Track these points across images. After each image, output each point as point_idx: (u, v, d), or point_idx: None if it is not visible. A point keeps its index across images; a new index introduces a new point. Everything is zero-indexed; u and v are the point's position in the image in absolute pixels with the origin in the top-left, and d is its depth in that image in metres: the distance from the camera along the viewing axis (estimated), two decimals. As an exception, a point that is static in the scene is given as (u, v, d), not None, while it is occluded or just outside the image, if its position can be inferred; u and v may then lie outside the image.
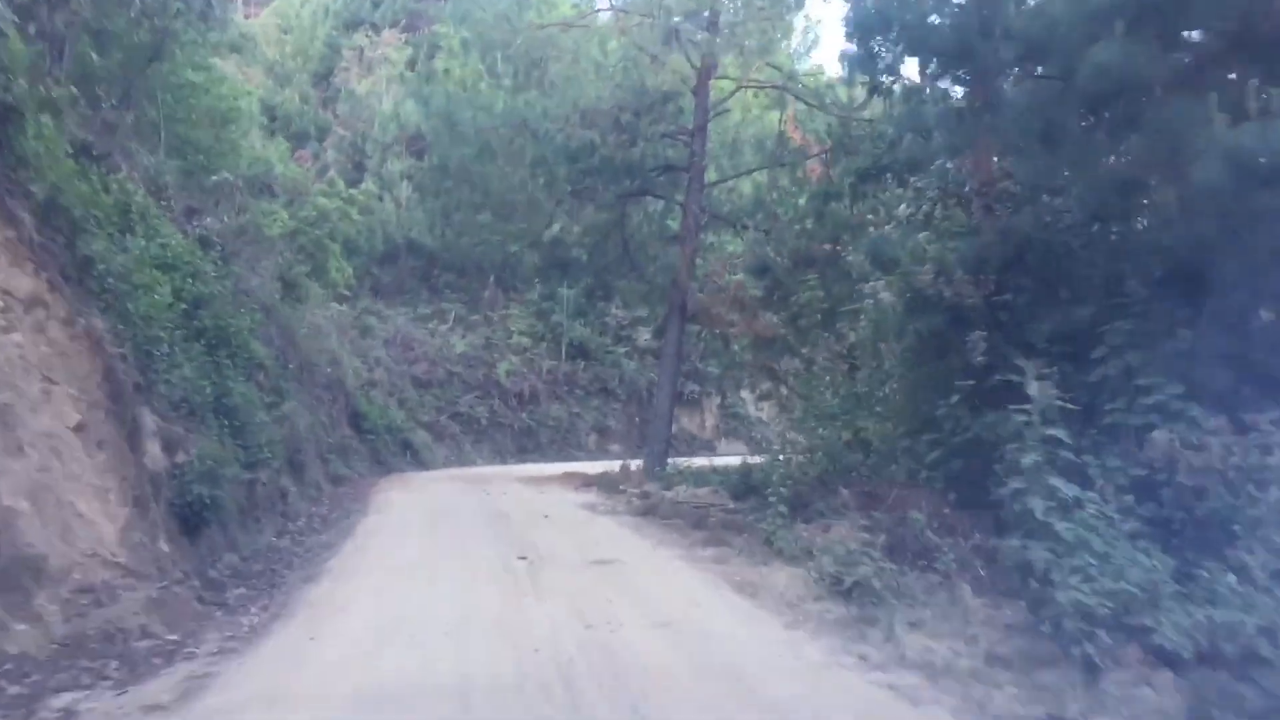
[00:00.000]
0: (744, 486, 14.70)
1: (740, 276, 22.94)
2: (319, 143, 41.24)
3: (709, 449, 41.55)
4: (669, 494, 15.94)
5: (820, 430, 13.96)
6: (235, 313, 15.54)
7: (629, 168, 22.55)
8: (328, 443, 23.75)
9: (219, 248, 17.81)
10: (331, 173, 36.24)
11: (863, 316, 15.44)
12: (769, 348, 24.14)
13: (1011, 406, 8.49)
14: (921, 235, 13.58)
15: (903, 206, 16.97)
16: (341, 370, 28.56)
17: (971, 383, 10.52)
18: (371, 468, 27.35)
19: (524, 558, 11.17)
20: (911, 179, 16.49)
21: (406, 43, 43.54)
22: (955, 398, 10.68)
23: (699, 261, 23.95)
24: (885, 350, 14.63)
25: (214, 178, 21.61)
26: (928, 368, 12.23)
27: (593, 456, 36.74)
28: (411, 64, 41.55)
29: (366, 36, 44.54)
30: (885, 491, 11.52)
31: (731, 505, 14.19)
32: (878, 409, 13.83)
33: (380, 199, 37.83)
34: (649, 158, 23.00)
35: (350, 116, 41.96)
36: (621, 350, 39.72)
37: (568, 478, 22.42)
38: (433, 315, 37.81)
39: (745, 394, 44.13)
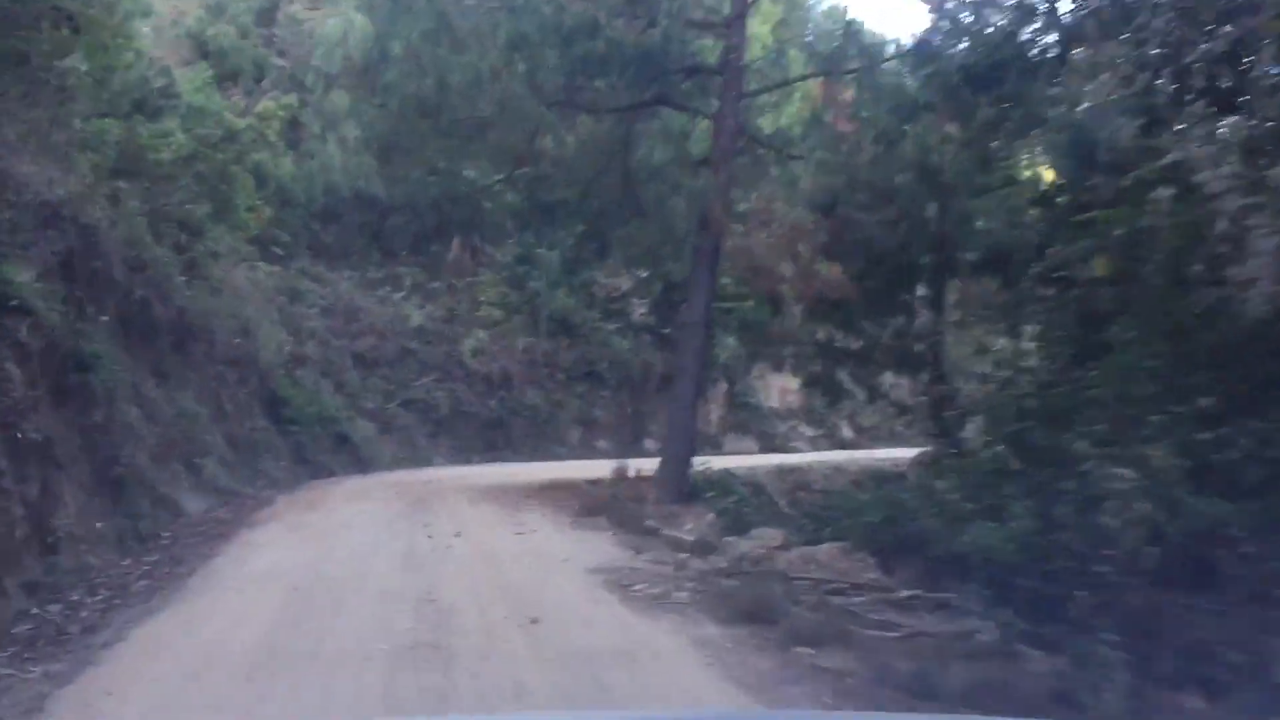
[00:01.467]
0: (898, 541, 8.11)
1: (797, 211, 16.52)
2: (256, 82, 34.48)
3: (713, 446, 35.11)
4: (749, 549, 9.36)
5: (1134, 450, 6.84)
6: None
7: (644, 60, 16.02)
8: (219, 440, 17.16)
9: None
10: (265, 102, 29.55)
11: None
12: (832, 314, 17.87)
13: None
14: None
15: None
16: (254, 343, 21.91)
17: None
18: (292, 471, 20.76)
19: None
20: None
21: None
22: None
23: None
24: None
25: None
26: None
27: (575, 453, 30.33)
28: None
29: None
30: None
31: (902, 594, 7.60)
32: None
33: (323, 139, 31.09)
34: (671, 50, 16.50)
35: (292, 44, 35.18)
36: (611, 327, 33.15)
37: (554, 492, 16.02)
38: (385, 281, 31.12)
39: (767, 380, 37.85)
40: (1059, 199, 10.86)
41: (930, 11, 14.89)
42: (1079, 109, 9.41)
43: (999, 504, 7.02)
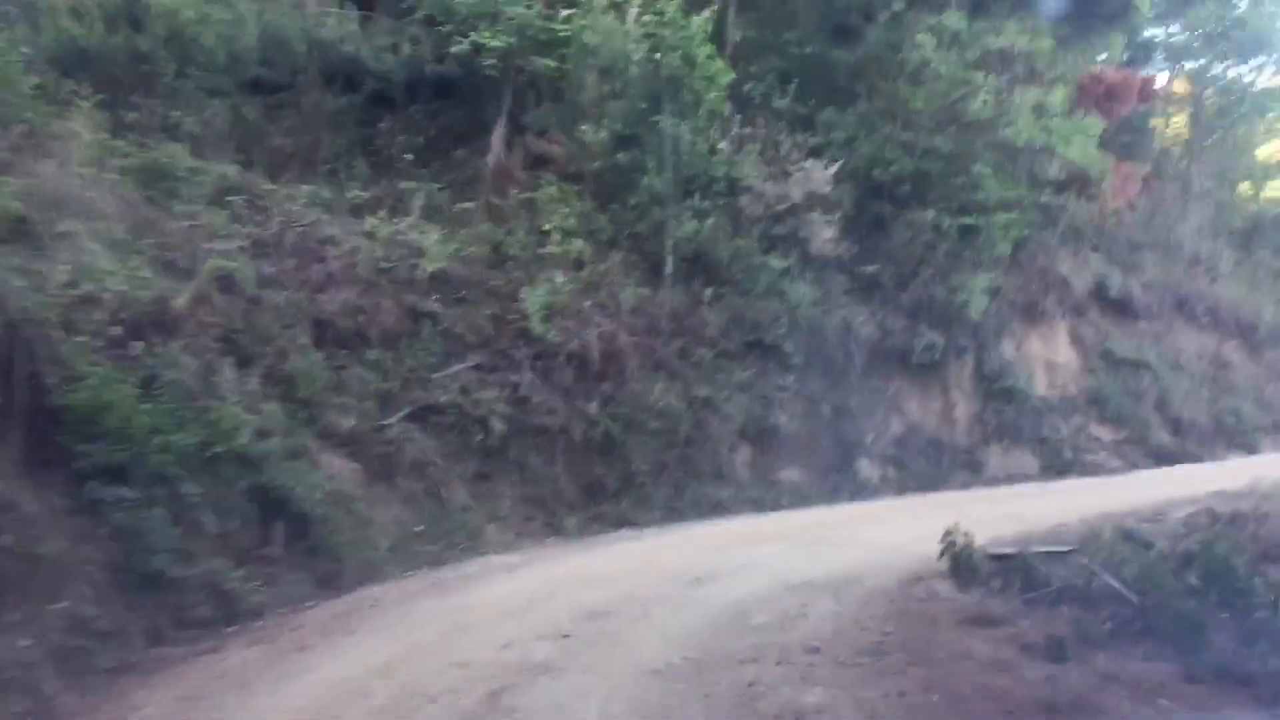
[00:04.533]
0: None
1: None
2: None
3: (968, 465, 20.91)
4: None
5: None
6: None
7: None
8: None
9: None
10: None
11: None
12: None
13: None
14: None
15: None
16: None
17: None
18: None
19: None
20: None
21: None
22: None
23: None
24: None
25: None
26: None
27: (749, 495, 16.52)
28: None
29: None
30: None
31: None
32: None
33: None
34: None
35: None
36: (778, 263, 18.84)
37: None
38: (376, 202, 16.89)
39: (1025, 348, 23.51)
40: None
41: None
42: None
43: None
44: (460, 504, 13.38)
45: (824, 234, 19.30)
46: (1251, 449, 27.22)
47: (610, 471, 15.33)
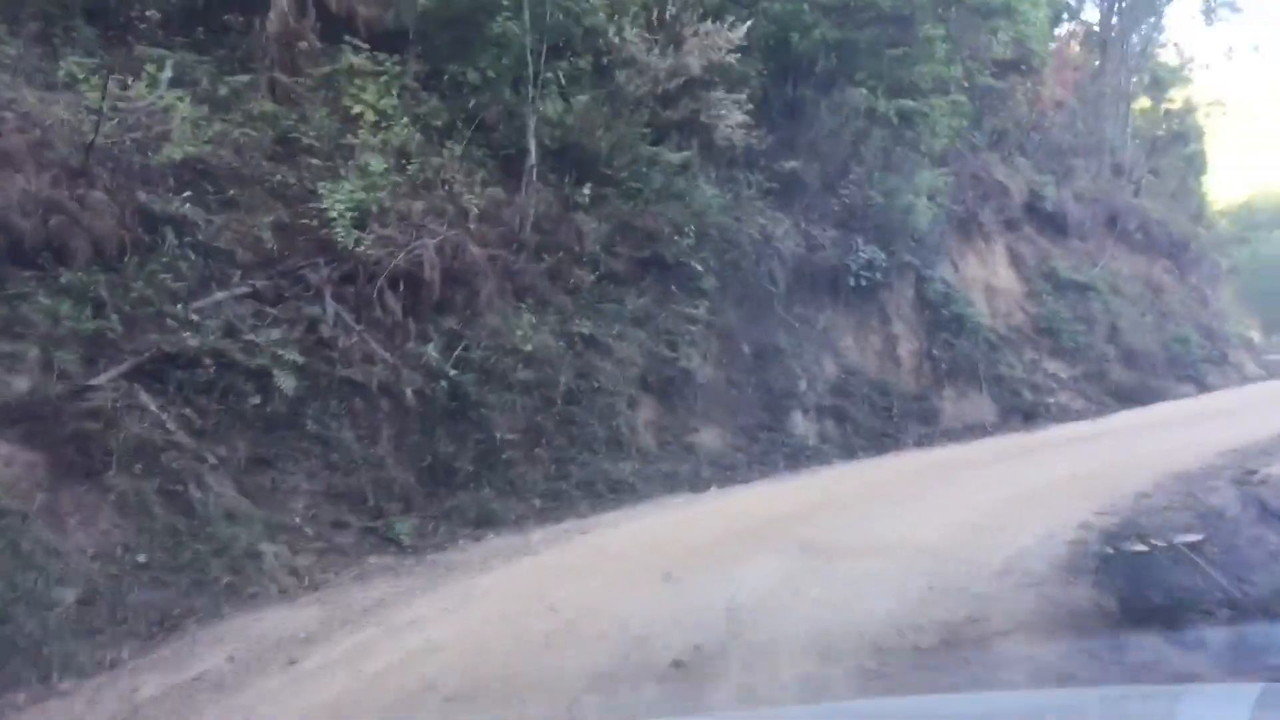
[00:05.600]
0: None
1: None
2: None
3: (925, 418, 16.78)
4: None
5: None
6: None
7: None
8: None
9: None
10: None
11: None
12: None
13: None
14: None
15: None
16: None
17: None
18: None
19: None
20: None
21: None
22: None
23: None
24: None
25: None
26: None
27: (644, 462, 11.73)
28: None
29: None
30: None
31: None
32: None
33: None
34: None
35: None
36: (674, 157, 14.11)
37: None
38: (104, 76, 11.42)
39: (964, 267, 19.35)
40: None
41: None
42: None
43: None
44: (221, 511, 8.25)
45: (730, 118, 14.63)
46: (1201, 383, 23.76)
47: (461, 446, 10.32)
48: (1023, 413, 17.63)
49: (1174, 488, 9.41)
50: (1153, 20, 30.79)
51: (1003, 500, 8.71)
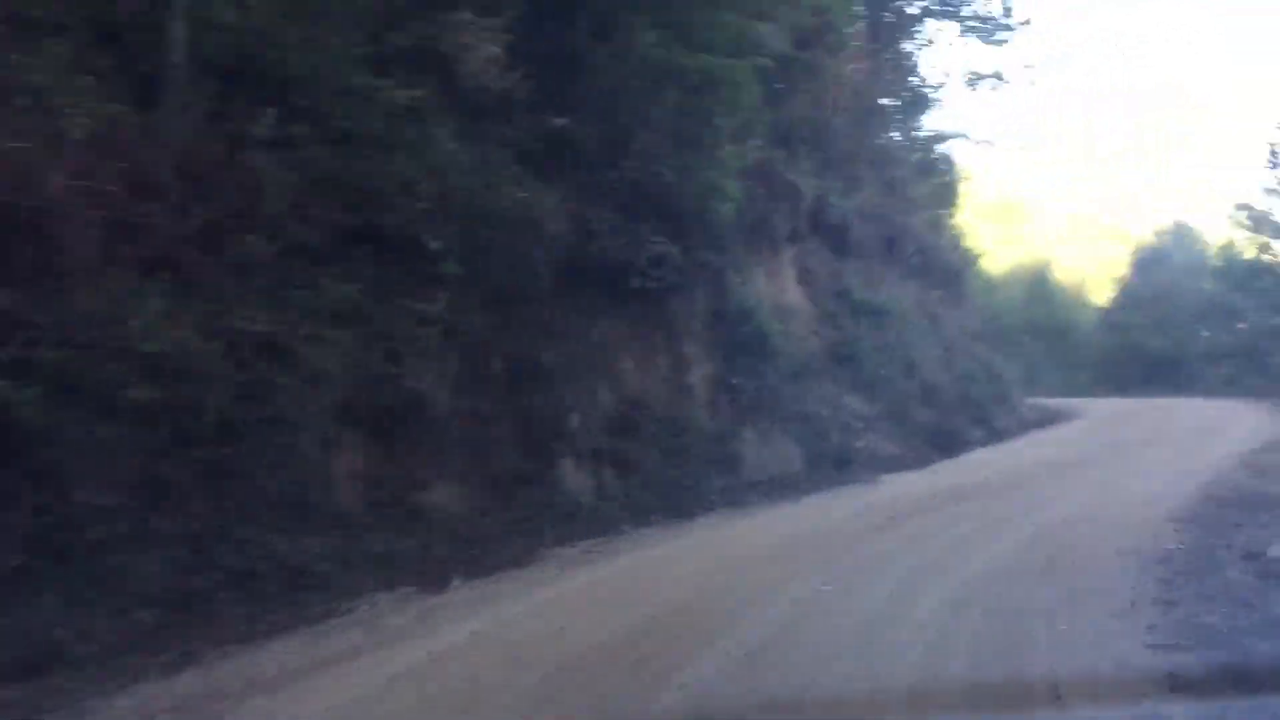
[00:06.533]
0: None
1: None
2: None
3: (726, 466, 12.96)
4: None
5: None
6: None
7: None
8: None
9: None
10: None
11: None
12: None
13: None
14: None
15: None
16: None
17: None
18: None
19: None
20: None
21: None
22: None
23: None
24: None
25: None
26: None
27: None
28: None
29: None
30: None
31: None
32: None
33: None
34: None
35: None
36: (402, 93, 9.90)
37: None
38: None
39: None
40: None
41: None
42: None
43: None
44: None
45: (480, 51, 10.61)
46: (990, 426, 21.26)
47: (3, 518, 5.77)
48: (832, 459, 14.38)
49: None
50: (917, 38, 28.95)
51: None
